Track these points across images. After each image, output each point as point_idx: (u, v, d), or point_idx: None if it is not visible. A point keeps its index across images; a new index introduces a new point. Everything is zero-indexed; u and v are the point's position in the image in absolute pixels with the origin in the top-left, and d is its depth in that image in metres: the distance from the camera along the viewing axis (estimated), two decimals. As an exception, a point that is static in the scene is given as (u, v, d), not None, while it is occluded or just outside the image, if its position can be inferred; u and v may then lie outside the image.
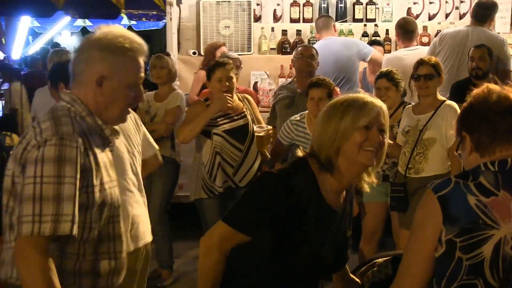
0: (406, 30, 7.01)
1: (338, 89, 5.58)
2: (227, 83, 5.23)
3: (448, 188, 2.20)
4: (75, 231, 2.31)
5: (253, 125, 5.40)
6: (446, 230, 2.16)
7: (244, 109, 5.41)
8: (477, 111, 2.29)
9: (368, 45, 7.22)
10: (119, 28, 2.59)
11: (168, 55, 6.71)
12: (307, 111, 5.28)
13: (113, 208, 2.53)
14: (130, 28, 12.13)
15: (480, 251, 2.14)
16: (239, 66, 6.24)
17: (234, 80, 5.32)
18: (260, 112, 6.05)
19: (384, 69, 5.66)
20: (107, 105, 2.53)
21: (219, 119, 5.31)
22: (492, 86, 2.31)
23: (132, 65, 2.52)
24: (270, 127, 5.37)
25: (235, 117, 5.36)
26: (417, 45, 7.19)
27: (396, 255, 2.69)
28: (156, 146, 3.85)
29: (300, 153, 2.67)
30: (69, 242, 2.41)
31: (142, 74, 2.57)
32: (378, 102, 2.59)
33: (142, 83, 2.60)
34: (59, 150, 2.31)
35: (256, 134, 5.28)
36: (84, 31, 17.58)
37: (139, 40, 2.55)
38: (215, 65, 5.33)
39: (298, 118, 5.33)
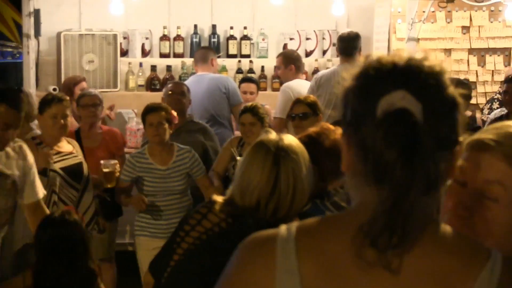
0: (301, 62, 6.88)
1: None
2: (62, 121, 4.89)
3: (306, 206, 2.44)
4: None
5: (86, 164, 5.15)
6: None
7: (74, 152, 5.12)
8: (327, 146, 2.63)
9: (238, 94, 6.72)
10: None
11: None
12: (146, 144, 5.26)
13: None
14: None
15: None
16: (99, 104, 5.71)
17: (69, 119, 5.03)
18: (127, 154, 5.70)
19: (249, 104, 5.51)
20: None
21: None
22: (326, 125, 2.66)
23: None
24: (116, 161, 5.15)
25: (66, 156, 5.04)
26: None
27: None
28: None
29: None
30: None
31: None
32: None
33: None
34: None
35: (103, 169, 5.08)
36: None
37: None
38: (52, 99, 4.94)
39: (139, 151, 5.28)
